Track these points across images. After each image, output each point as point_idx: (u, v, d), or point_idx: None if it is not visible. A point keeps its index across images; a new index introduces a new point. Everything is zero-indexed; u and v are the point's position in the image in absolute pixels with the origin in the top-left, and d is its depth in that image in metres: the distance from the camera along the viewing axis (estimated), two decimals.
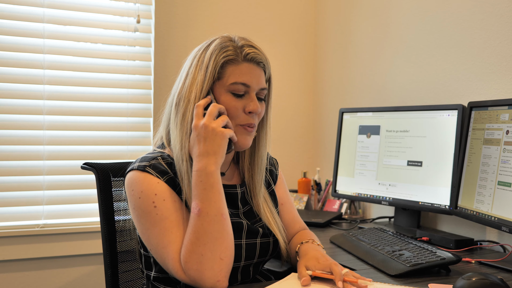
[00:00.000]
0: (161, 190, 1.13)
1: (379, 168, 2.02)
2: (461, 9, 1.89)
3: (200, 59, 1.19)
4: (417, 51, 2.10)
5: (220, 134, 1.11)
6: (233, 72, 1.17)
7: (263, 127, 1.29)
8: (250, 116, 1.19)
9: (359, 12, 2.48)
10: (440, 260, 1.30)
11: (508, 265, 1.39)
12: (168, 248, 1.10)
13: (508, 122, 1.47)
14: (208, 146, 1.11)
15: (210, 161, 1.10)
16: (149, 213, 1.12)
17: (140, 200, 1.13)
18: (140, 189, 1.13)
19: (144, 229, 1.13)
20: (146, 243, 1.15)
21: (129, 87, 2.41)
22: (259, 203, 1.29)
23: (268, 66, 1.24)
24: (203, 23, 2.54)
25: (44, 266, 2.24)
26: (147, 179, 1.14)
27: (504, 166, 1.45)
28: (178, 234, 1.11)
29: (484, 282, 1.09)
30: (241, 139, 1.20)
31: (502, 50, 1.72)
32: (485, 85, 1.79)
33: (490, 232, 1.75)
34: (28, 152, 2.23)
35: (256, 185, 1.29)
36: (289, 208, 1.42)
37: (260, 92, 1.21)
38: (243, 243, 1.21)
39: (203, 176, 1.10)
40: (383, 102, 2.29)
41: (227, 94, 1.18)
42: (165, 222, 1.11)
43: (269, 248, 1.27)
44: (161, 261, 1.12)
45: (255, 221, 1.28)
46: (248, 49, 1.18)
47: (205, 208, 1.08)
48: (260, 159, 1.29)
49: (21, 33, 2.21)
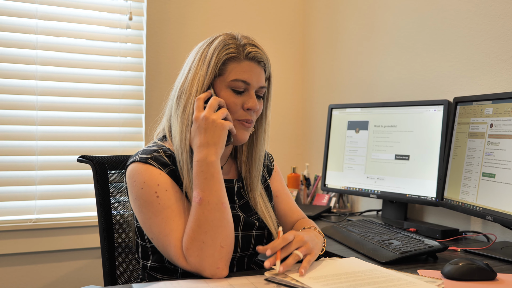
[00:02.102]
0: (163, 180, 1.17)
1: (367, 162, 2.08)
2: (446, 9, 1.95)
3: (203, 55, 1.23)
4: (404, 48, 2.16)
5: (220, 125, 1.15)
6: (234, 69, 1.21)
7: (262, 124, 1.33)
8: (248, 113, 1.23)
9: (347, 11, 2.53)
10: (428, 248, 1.36)
11: (492, 252, 1.45)
12: (170, 236, 1.13)
13: (492, 116, 1.53)
14: (208, 137, 1.15)
15: (210, 151, 1.14)
16: (151, 203, 1.15)
17: (143, 190, 1.16)
18: (142, 179, 1.16)
19: (145, 218, 1.16)
20: (147, 232, 1.18)
21: (121, 83, 2.43)
22: (255, 197, 1.33)
23: (269, 66, 1.28)
24: (195, 21, 2.58)
25: (37, 261, 2.25)
26: (149, 170, 1.17)
27: (488, 158, 1.51)
28: (179, 222, 1.14)
29: (471, 266, 1.15)
30: (238, 134, 1.24)
31: (486, 48, 1.79)
32: (469, 81, 1.85)
33: (474, 222, 1.82)
34: (20, 147, 2.24)
35: (253, 179, 1.33)
36: (286, 199, 1.45)
37: (259, 90, 1.26)
38: (239, 235, 1.25)
39: (204, 166, 1.14)
40: (371, 98, 2.35)
41: (227, 90, 1.22)
42: (167, 211, 1.15)
43: (263, 241, 1.31)
44: (162, 249, 1.16)
45: (250, 214, 1.31)
46: (250, 48, 1.22)
47: (206, 197, 1.12)
48: (257, 154, 1.33)
49: (14, 29, 2.22)
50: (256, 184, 1.33)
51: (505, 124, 1.47)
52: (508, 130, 1.45)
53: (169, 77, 2.50)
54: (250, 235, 1.27)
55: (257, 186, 1.34)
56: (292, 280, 1.06)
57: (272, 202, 1.41)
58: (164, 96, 2.65)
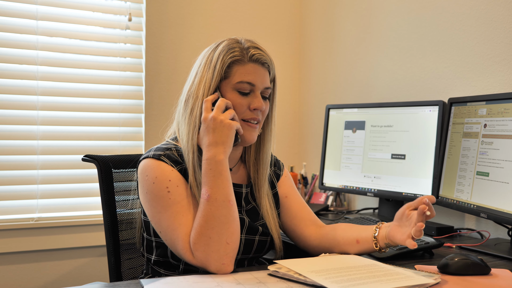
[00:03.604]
0: (174, 177, 1.21)
1: (364, 161, 2.12)
2: (441, 11, 2.00)
3: (209, 59, 1.27)
4: (400, 50, 2.21)
5: (228, 125, 1.20)
6: (239, 72, 1.25)
7: (268, 124, 1.38)
8: (254, 113, 1.28)
9: (343, 12, 2.57)
10: (425, 244, 1.41)
11: (486, 248, 1.50)
12: (178, 230, 1.17)
13: (485, 116, 1.58)
14: (216, 137, 1.19)
15: (219, 150, 1.19)
16: (162, 198, 1.19)
17: (154, 185, 1.20)
18: (154, 175, 1.21)
19: (155, 212, 1.21)
20: (156, 226, 1.22)
21: (121, 83, 2.46)
22: (262, 203, 1.36)
23: (273, 67, 1.33)
24: (193, 22, 2.61)
25: (39, 259, 2.28)
26: (162, 166, 1.22)
27: (482, 157, 1.56)
28: (188, 218, 1.19)
29: (466, 261, 1.20)
30: (246, 134, 1.28)
31: (480, 50, 1.84)
32: (464, 82, 1.90)
33: (468, 220, 1.87)
34: (22, 147, 2.27)
35: (260, 178, 1.37)
36: (297, 199, 1.46)
37: (264, 91, 1.30)
38: (243, 238, 1.29)
39: (213, 164, 1.18)
40: (367, 99, 2.39)
41: (233, 92, 1.26)
42: (177, 206, 1.19)
43: (265, 246, 1.35)
44: (170, 243, 1.20)
45: (256, 220, 1.35)
46: (254, 50, 1.27)
47: (213, 194, 1.16)
48: (265, 154, 1.38)
49: (15, 29, 2.25)
50: (263, 183, 1.37)
51: (498, 124, 1.52)
52: (502, 130, 1.50)
53: (168, 77, 2.54)
54: (253, 240, 1.31)
55: (264, 186, 1.37)
56: (295, 274, 1.10)
57: (278, 209, 1.43)
58: (164, 96, 2.69)
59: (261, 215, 1.36)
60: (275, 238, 1.36)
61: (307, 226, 1.41)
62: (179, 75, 2.54)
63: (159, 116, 2.52)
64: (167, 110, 2.55)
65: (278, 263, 1.17)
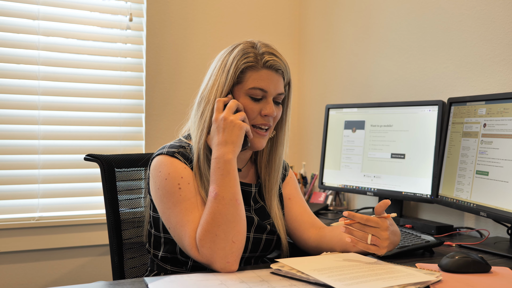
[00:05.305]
0: (186, 174, 1.24)
1: (364, 160, 2.13)
2: (441, 12, 2.01)
3: (223, 62, 1.29)
4: (400, 50, 2.23)
5: (238, 125, 1.22)
6: (252, 77, 1.27)
7: (282, 128, 1.38)
8: (265, 119, 1.29)
9: (343, 12, 2.59)
10: (425, 243, 1.42)
11: (486, 247, 1.52)
12: (186, 226, 1.19)
13: (485, 116, 1.59)
14: (226, 136, 1.21)
15: (228, 149, 1.21)
16: (173, 194, 1.21)
17: (166, 181, 1.22)
18: (167, 171, 1.23)
19: (165, 208, 1.22)
20: (165, 222, 1.24)
21: (122, 83, 2.47)
22: (271, 204, 1.38)
23: (287, 72, 1.32)
24: (193, 22, 2.62)
25: (40, 258, 2.29)
26: (175, 163, 1.24)
27: (481, 156, 1.58)
28: (197, 215, 1.20)
29: (466, 259, 1.21)
30: (255, 141, 1.29)
31: (479, 50, 1.85)
32: (463, 82, 1.92)
33: (468, 219, 1.88)
34: (23, 147, 2.27)
35: (272, 181, 1.38)
36: (299, 201, 1.47)
37: (277, 97, 1.31)
38: (251, 236, 1.31)
39: (221, 163, 1.20)
40: (367, 99, 2.41)
41: (246, 97, 1.27)
42: (187, 203, 1.21)
43: (271, 245, 1.37)
44: (178, 239, 1.22)
45: (264, 219, 1.37)
46: (268, 56, 1.27)
47: (221, 192, 1.18)
48: (277, 157, 1.39)
49: (16, 29, 2.25)
50: (274, 186, 1.39)
51: (498, 123, 1.53)
52: (501, 129, 1.52)
53: (169, 77, 2.55)
54: (260, 238, 1.33)
55: (275, 188, 1.39)
56: (297, 272, 1.11)
57: (283, 210, 1.45)
58: (165, 95, 2.70)
59: (269, 214, 1.38)
60: (283, 238, 1.38)
61: (306, 229, 1.43)
62: (179, 75, 2.55)
63: (160, 116, 2.53)
64: (168, 109, 2.58)
65: (281, 261, 1.18)
